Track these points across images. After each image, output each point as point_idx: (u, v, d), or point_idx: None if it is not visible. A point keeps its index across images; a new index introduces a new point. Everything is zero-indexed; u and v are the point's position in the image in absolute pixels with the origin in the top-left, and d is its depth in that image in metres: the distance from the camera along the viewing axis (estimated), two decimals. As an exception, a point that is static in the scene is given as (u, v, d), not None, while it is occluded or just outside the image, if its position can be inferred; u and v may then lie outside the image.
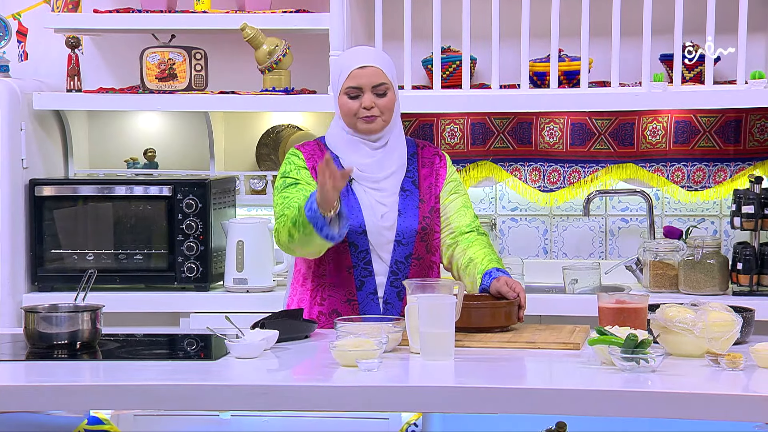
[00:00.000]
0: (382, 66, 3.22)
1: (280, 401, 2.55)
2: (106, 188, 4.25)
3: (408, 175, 3.29)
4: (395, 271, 3.23)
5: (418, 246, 3.25)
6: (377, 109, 3.20)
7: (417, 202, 3.26)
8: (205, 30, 4.37)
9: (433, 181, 3.32)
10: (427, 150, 3.37)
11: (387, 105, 3.21)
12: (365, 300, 3.22)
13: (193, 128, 4.60)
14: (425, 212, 3.26)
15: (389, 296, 3.23)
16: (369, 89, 3.19)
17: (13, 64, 4.44)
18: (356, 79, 3.19)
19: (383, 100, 3.20)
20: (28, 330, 2.93)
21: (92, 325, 2.92)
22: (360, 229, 3.20)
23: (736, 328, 2.76)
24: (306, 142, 3.36)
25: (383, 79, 3.20)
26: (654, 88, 4.08)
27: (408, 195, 3.26)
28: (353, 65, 3.20)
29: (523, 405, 2.51)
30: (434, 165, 3.34)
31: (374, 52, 3.30)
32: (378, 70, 3.20)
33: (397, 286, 3.23)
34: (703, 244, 4.03)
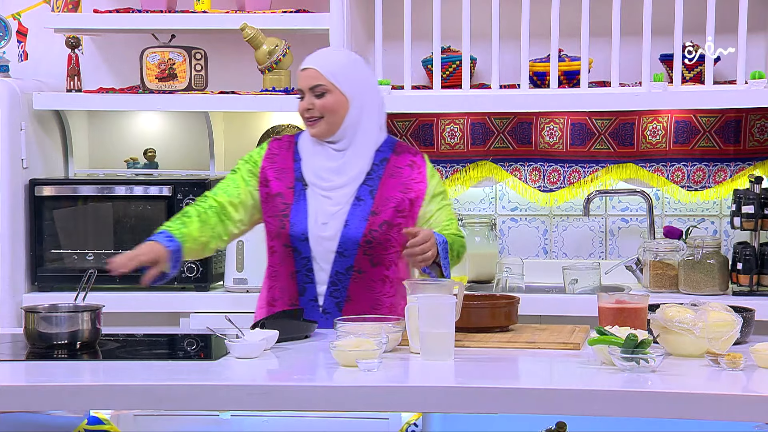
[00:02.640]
0: (322, 68, 3.18)
1: (280, 401, 2.55)
2: (106, 188, 4.25)
3: (367, 183, 3.22)
4: (335, 282, 3.19)
5: (360, 259, 3.18)
6: (316, 110, 3.18)
7: (367, 214, 3.19)
8: (205, 30, 4.37)
9: (397, 194, 3.22)
10: (403, 157, 3.27)
11: (324, 106, 3.17)
12: (306, 306, 3.20)
13: (193, 128, 4.60)
14: (374, 225, 3.18)
15: (328, 306, 3.20)
16: (307, 91, 3.19)
17: (13, 64, 4.44)
18: (299, 81, 3.22)
19: (320, 102, 3.17)
20: (28, 330, 2.93)
21: (92, 325, 2.92)
22: (302, 236, 3.19)
23: (736, 328, 2.76)
24: (284, 136, 3.36)
25: (320, 81, 3.17)
26: (654, 88, 4.08)
27: (360, 205, 3.19)
28: (300, 68, 3.24)
29: (523, 405, 2.51)
30: (404, 176, 3.24)
31: (323, 54, 3.27)
32: (315, 72, 3.18)
33: (336, 297, 3.19)
34: (703, 244, 4.03)
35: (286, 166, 3.25)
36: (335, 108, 3.18)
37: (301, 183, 3.23)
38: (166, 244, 3.13)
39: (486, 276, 4.33)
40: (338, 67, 3.20)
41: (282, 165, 3.26)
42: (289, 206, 3.21)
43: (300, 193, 3.21)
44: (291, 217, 3.20)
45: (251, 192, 3.27)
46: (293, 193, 3.22)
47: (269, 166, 3.26)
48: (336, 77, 3.18)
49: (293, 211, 3.19)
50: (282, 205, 3.22)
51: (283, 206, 3.22)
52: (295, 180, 3.23)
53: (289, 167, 3.25)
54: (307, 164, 3.23)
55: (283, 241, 3.22)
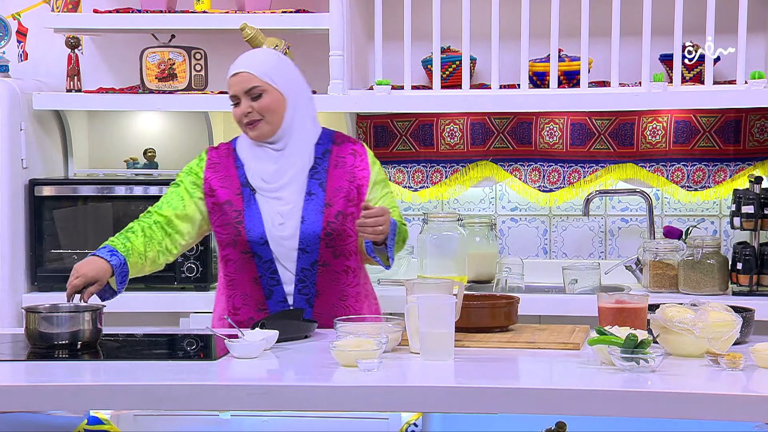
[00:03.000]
0: (253, 69, 3.19)
1: (280, 401, 2.55)
2: (106, 188, 4.26)
3: (315, 177, 3.23)
4: (302, 279, 3.20)
5: (323, 252, 3.20)
6: (255, 113, 3.18)
7: (322, 207, 3.20)
8: (205, 30, 4.37)
9: (345, 184, 3.24)
10: (344, 147, 3.29)
11: (263, 107, 3.18)
12: (275, 308, 3.21)
13: (193, 128, 4.60)
14: (330, 217, 3.20)
15: (298, 304, 3.21)
16: (243, 95, 3.18)
17: (12, 64, 4.44)
18: (231, 87, 3.21)
19: (258, 103, 3.18)
20: (29, 330, 2.93)
21: (93, 325, 2.91)
22: (261, 240, 3.19)
23: (736, 328, 2.76)
24: (221, 144, 3.36)
25: (254, 83, 3.17)
26: (654, 88, 4.08)
27: (313, 199, 3.21)
28: (229, 74, 3.22)
29: (523, 405, 2.51)
30: (348, 165, 3.26)
31: (251, 57, 3.27)
32: (248, 75, 3.18)
33: (305, 293, 3.21)
34: (702, 244, 4.03)
35: (229, 174, 3.26)
36: (274, 107, 3.19)
37: (248, 188, 3.23)
38: (108, 258, 3.13)
39: (486, 276, 4.33)
40: (270, 67, 3.21)
41: (225, 173, 3.26)
42: (241, 212, 3.21)
43: (249, 198, 3.22)
44: (245, 223, 3.20)
45: (196, 203, 3.27)
46: (242, 199, 3.22)
47: (212, 176, 3.27)
48: (270, 77, 3.19)
49: (246, 217, 3.20)
50: (233, 212, 3.22)
51: (234, 213, 3.22)
52: (241, 186, 3.24)
53: (233, 174, 3.25)
54: (250, 169, 3.24)
55: (240, 248, 3.21)
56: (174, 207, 3.25)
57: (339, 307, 3.24)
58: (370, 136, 4.57)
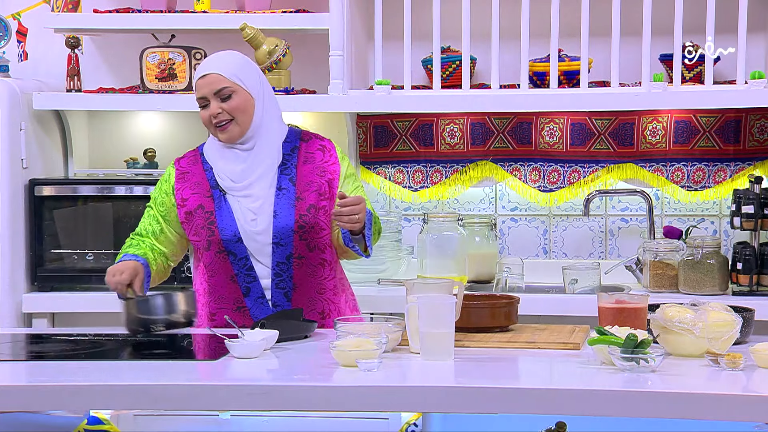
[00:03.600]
0: (222, 71, 3.21)
1: (280, 401, 2.55)
2: (106, 188, 4.25)
3: (285, 173, 3.26)
4: (278, 273, 3.22)
5: (298, 245, 3.22)
6: (225, 113, 3.20)
7: (293, 200, 3.23)
8: (205, 30, 4.37)
9: (316, 178, 3.27)
10: (312, 143, 3.33)
11: (234, 108, 3.20)
12: (254, 305, 3.22)
13: (193, 128, 4.60)
14: (302, 210, 3.23)
15: (276, 299, 3.23)
16: (212, 97, 3.20)
17: (12, 64, 4.44)
18: (199, 89, 3.22)
19: (228, 104, 3.20)
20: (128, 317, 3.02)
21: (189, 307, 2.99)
22: (235, 237, 3.21)
23: (736, 328, 2.76)
24: (186, 153, 3.37)
25: (223, 84, 3.19)
26: (654, 88, 4.08)
27: (284, 194, 3.23)
28: (197, 77, 3.24)
29: (523, 405, 2.51)
30: (317, 161, 3.29)
31: (218, 58, 3.27)
32: (217, 76, 3.20)
33: (282, 287, 3.22)
34: (702, 244, 4.03)
35: (199, 179, 3.28)
36: (244, 107, 3.21)
37: (218, 190, 3.25)
38: (134, 258, 3.20)
39: (486, 276, 4.33)
40: (238, 68, 3.24)
41: (195, 179, 3.29)
42: (213, 213, 3.23)
43: (220, 199, 3.24)
44: (218, 223, 3.22)
45: (171, 223, 3.30)
46: (213, 201, 3.24)
47: (183, 186, 3.29)
48: (239, 77, 3.21)
49: (218, 217, 3.22)
50: (205, 215, 3.24)
51: (206, 215, 3.24)
52: (210, 188, 3.26)
53: (203, 178, 3.28)
54: (219, 170, 3.26)
55: (215, 249, 3.23)
56: (153, 233, 3.30)
57: (317, 300, 3.26)
58: (370, 136, 4.57)
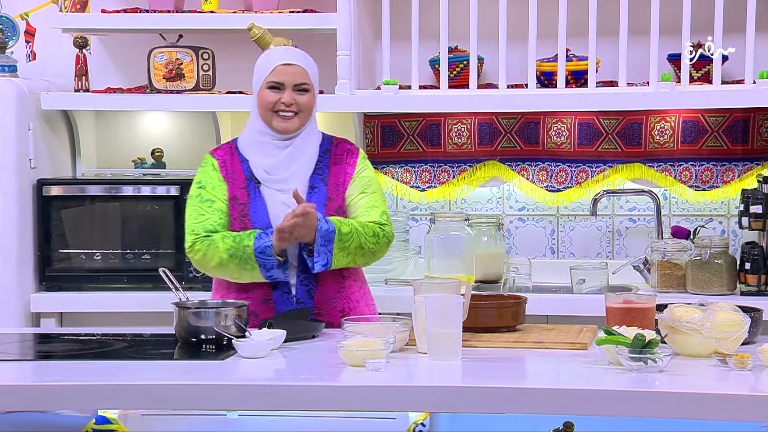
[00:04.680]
0: (307, 67, 3.29)
1: (288, 401, 2.55)
2: (114, 188, 4.26)
3: (317, 173, 3.31)
4: (304, 270, 3.24)
5: None
6: (296, 106, 3.26)
7: (324, 200, 3.27)
8: (213, 30, 4.37)
9: (341, 179, 3.32)
10: (341, 146, 3.38)
11: (306, 104, 3.27)
12: (279, 299, 3.25)
13: (201, 128, 4.60)
14: (332, 210, 3.27)
15: (300, 295, 3.25)
16: (291, 86, 3.26)
17: (21, 65, 4.45)
18: (280, 75, 3.26)
19: (303, 98, 3.26)
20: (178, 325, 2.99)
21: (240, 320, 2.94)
22: (267, 229, 3.22)
23: (744, 328, 2.76)
24: (220, 146, 3.41)
25: (305, 79, 3.27)
26: (662, 88, 4.08)
27: (315, 192, 3.28)
28: (279, 61, 3.28)
29: (531, 405, 2.51)
30: (343, 162, 3.35)
31: (302, 54, 3.36)
32: (302, 70, 3.27)
33: (306, 284, 3.25)
34: (710, 243, 4.02)
35: (235, 169, 3.32)
36: (311, 106, 3.30)
37: (252, 182, 3.30)
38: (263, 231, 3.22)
39: (493, 276, 4.33)
40: (315, 69, 3.34)
41: (232, 168, 3.33)
42: (246, 205, 3.27)
43: (254, 190, 3.29)
44: (251, 215, 3.26)
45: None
46: (247, 193, 3.29)
47: (226, 176, 3.32)
48: (314, 77, 3.32)
49: (251, 209, 3.26)
50: (239, 206, 3.28)
51: (240, 206, 3.28)
52: (246, 180, 3.30)
53: (239, 169, 3.32)
54: (255, 162, 3.30)
55: None
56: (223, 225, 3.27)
57: (337, 298, 3.29)
58: (377, 136, 4.56)
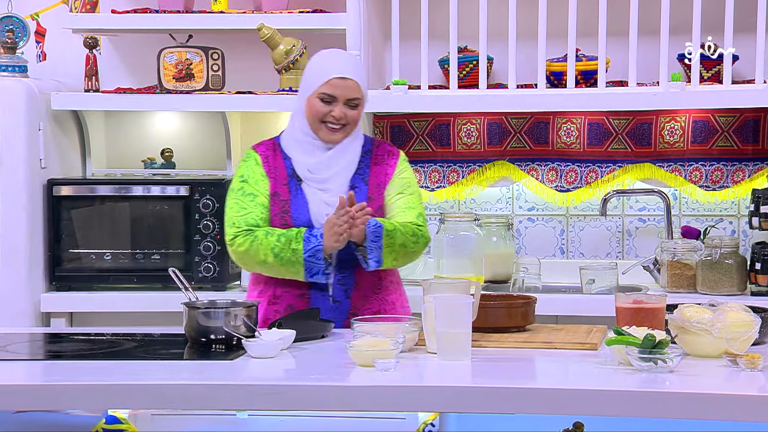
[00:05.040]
0: (360, 81, 3.29)
1: (297, 401, 2.55)
2: (124, 188, 4.27)
3: (359, 173, 3.33)
4: (342, 269, 3.25)
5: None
6: (345, 119, 3.27)
7: (365, 200, 3.28)
8: (222, 30, 4.37)
9: (382, 180, 3.34)
10: (382, 147, 3.41)
11: (355, 117, 3.30)
12: (315, 296, 3.27)
13: (210, 128, 4.61)
14: (372, 211, 3.26)
15: (337, 294, 3.27)
16: (342, 101, 3.26)
17: (31, 65, 4.46)
18: (333, 88, 3.25)
19: (353, 113, 3.28)
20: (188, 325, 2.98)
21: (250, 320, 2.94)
22: (307, 226, 3.24)
23: (755, 329, 2.75)
24: (262, 141, 3.42)
25: (358, 94, 3.27)
26: (672, 88, 4.07)
27: (357, 192, 3.29)
28: (333, 73, 3.26)
29: (540, 405, 2.51)
30: (383, 163, 3.37)
31: (354, 64, 3.35)
32: (356, 85, 3.27)
33: (344, 284, 3.26)
34: (721, 244, 4.01)
35: (278, 165, 3.34)
36: (359, 119, 3.33)
37: (294, 179, 3.31)
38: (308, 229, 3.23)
39: (503, 276, 4.32)
40: (366, 81, 3.35)
41: (274, 164, 3.34)
42: (288, 202, 3.29)
43: (296, 188, 3.30)
44: (292, 212, 3.28)
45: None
46: (288, 190, 3.30)
47: (268, 170, 3.34)
48: (365, 90, 3.32)
49: (293, 206, 3.28)
50: (281, 202, 3.30)
51: (282, 203, 3.30)
52: (288, 177, 3.32)
53: (281, 166, 3.33)
54: (297, 161, 3.32)
55: None
56: (265, 219, 3.28)
57: (373, 299, 3.31)
58: (386, 135, 4.56)
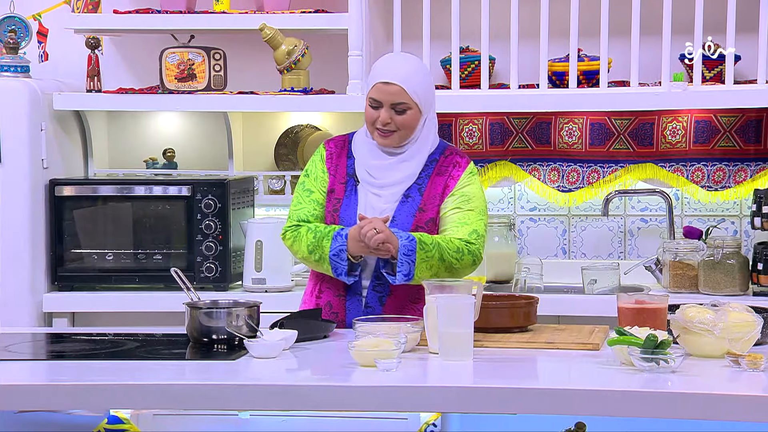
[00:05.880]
0: (406, 86, 3.18)
1: (299, 401, 2.55)
2: (126, 188, 4.27)
3: (417, 182, 3.25)
4: (378, 276, 3.21)
5: None
6: (393, 124, 3.20)
7: (415, 211, 3.22)
8: (224, 30, 4.38)
9: (439, 191, 3.25)
10: (450, 158, 3.29)
11: (404, 123, 3.20)
12: (351, 299, 3.24)
13: (212, 128, 4.61)
14: (421, 222, 3.21)
15: (370, 300, 3.23)
16: (388, 105, 3.19)
17: (33, 65, 4.46)
18: (378, 93, 3.20)
19: (401, 118, 3.20)
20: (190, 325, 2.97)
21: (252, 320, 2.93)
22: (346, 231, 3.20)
23: (757, 329, 2.75)
24: (338, 136, 3.38)
25: (404, 99, 3.18)
26: (674, 88, 4.07)
27: (409, 202, 3.23)
28: (379, 78, 3.20)
29: (542, 405, 2.51)
30: (446, 174, 3.27)
31: (405, 69, 3.22)
32: (400, 90, 3.18)
33: (379, 291, 3.22)
34: (723, 244, 4.01)
35: (340, 163, 3.30)
36: (413, 124, 3.22)
37: (353, 179, 3.27)
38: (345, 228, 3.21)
39: (505, 276, 4.32)
40: (420, 86, 3.21)
41: (337, 162, 3.30)
42: (340, 201, 3.26)
43: (351, 188, 3.26)
44: (341, 212, 3.25)
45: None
46: (344, 189, 3.27)
47: (330, 166, 3.30)
48: (418, 95, 3.20)
49: (343, 206, 3.25)
50: (334, 200, 3.27)
51: (335, 201, 3.27)
52: (347, 176, 3.28)
53: (343, 164, 3.30)
54: (360, 162, 3.27)
55: None
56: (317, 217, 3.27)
57: (408, 308, 3.23)
58: (388, 136, 4.56)
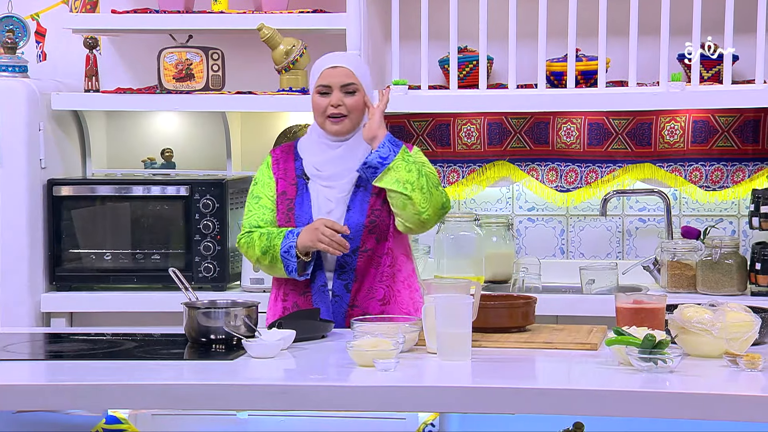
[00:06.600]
0: (353, 67, 3.32)
1: (297, 401, 2.56)
2: (124, 188, 4.27)
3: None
4: (342, 264, 3.28)
5: (367, 239, 3.29)
6: (345, 107, 3.28)
7: (368, 196, 3.30)
8: (223, 30, 4.38)
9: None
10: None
11: (355, 104, 3.30)
12: (317, 292, 3.29)
13: (210, 128, 4.61)
14: (376, 205, 3.29)
15: (337, 289, 3.29)
16: (338, 88, 3.29)
17: (31, 65, 4.46)
18: (327, 78, 3.30)
19: (351, 100, 3.29)
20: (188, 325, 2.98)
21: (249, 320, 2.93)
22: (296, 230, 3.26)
23: (755, 329, 2.75)
24: (283, 144, 3.47)
25: (352, 80, 3.29)
26: (672, 88, 4.07)
27: (361, 190, 3.30)
28: (325, 65, 3.33)
29: (541, 405, 2.51)
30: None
31: (347, 56, 3.44)
32: (348, 71, 3.30)
33: (344, 279, 3.29)
34: (721, 244, 4.02)
35: (288, 167, 3.37)
36: (361, 107, 3.32)
37: (302, 178, 3.34)
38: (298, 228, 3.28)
39: (503, 276, 4.33)
40: (363, 69, 3.37)
41: (284, 166, 3.38)
42: (293, 200, 3.32)
43: (302, 187, 3.33)
44: (296, 210, 3.31)
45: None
46: (296, 189, 3.33)
47: (277, 172, 3.38)
48: (364, 78, 3.33)
49: (297, 205, 3.31)
50: (287, 201, 3.33)
51: (287, 201, 3.33)
52: (296, 177, 3.35)
53: (291, 167, 3.37)
54: (307, 160, 3.35)
55: None
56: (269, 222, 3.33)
57: (377, 288, 3.31)
58: (387, 136, 4.56)
